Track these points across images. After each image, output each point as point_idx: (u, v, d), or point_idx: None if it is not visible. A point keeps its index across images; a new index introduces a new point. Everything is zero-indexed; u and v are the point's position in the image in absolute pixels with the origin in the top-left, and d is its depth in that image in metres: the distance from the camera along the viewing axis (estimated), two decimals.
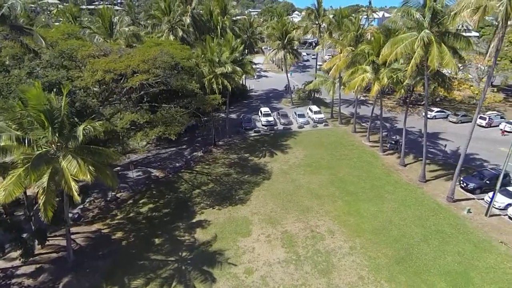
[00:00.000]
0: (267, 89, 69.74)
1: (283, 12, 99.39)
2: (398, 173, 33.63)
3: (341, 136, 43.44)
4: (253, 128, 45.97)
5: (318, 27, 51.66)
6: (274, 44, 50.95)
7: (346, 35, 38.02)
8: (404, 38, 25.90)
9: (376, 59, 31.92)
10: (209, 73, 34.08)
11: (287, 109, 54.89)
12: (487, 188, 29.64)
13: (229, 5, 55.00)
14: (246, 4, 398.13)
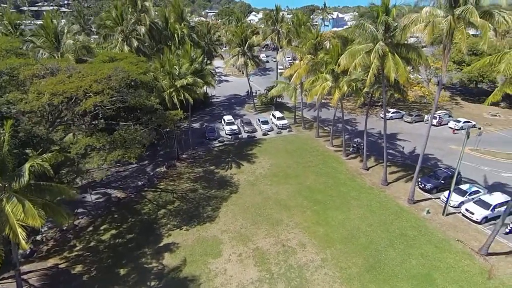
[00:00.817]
0: (228, 94, 69.01)
1: (241, 16, 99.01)
2: (361, 177, 34.67)
3: (305, 142, 44.02)
4: (217, 138, 45.12)
5: (277, 33, 51.93)
6: (234, 50, 50.38)
7: (305, 42, 38.48)
8: (362, 50, 26.62)
9: (335, 67, 32.58)
10: (169, 87, 32.74)
11: (251, 116, 54.67)
12: (442, 188, 31.53)
13: (185, 11, 53.52)
14: (202, 5, 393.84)
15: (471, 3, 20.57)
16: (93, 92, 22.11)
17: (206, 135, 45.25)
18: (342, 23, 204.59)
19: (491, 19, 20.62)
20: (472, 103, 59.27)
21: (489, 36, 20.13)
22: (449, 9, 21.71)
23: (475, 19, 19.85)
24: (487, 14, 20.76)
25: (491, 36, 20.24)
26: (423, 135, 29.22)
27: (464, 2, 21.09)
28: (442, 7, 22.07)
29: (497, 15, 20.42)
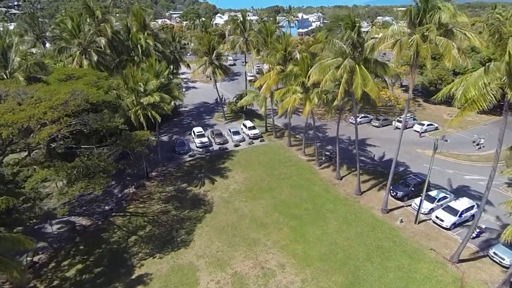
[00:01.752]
0: (197, 102, 67.30)
1: (208, 22, 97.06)
2: (335, 188, 34.87)
3: (278, 152, 43.72)
4: (188, 151, 43.64)
5: (245, 41, 51.19)
6: (201, 60, 49.01)
7: (274, 53, 38.08)
8: (331, 65, 26.60)
9: (305, 80, 32.47)
10: (134, 105, 30.96)
11: (221, 125, 53.62)
12: (413, 195, 32.44)
13: (148, 19, 51.36)
14: (166, 6, 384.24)
15: (434, 22, 21.06)
16: (48, 121, 20.17)
17: (176, 149, 43.61)
18: (307, 24, 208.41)
19: (453, 37, 21.23)
20: (432, 105, 62.00)
21: (453, 55, 20.69)
22: (414, 28, 22.15)
23: (438, 38, 20.34)
24: (449, 32, 21.35)
25: (455, 54, 20.79)
26: (392, 140, 30.11)
27: (427, 21, 21.57)
28: (407, 26, 22.45)
29: (459, 33, 21.07)
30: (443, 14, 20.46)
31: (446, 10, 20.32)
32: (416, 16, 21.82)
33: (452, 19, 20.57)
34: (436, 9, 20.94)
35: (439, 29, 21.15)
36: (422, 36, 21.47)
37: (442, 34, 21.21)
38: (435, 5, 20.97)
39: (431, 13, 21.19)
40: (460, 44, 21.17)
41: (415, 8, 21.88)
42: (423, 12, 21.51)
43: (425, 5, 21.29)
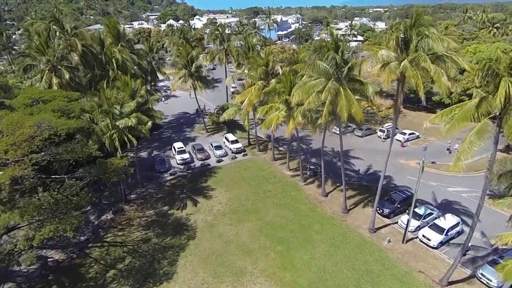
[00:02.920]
0: (177, 113, 65.42)
1: (187, 29, 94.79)
2: (322, 206, 34.25)
3: (262, 167, 42.74)
4: (168, 169, 41.96)
5: (224, 51, 49.87)
6: (180, 72, 47.34)
7: (256, 68, 37.06)
8: (315, 86, 25.86)
9: (288, 98, 31.66)
10: (109, 129, 29.13)
11: (202, 138, 52.13)
12: (399, 212, 32.27)
13: (122, 30, 49.16)
14: (143, 7, 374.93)
15: (422, 49, 20.68)
16: (10, 160, 18.30)
17: (156, 167, 41.82)
18: (286, 26, 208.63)
19: (442, 64, 20.90)
20: (413, 111, 62.86)
21: (443, 82, 20.34)
22: (402, 54, 21.72)
23: (428, 66, 19.95)
24: (439, 58, 21.00)
25: (445, 81, 20.45)
26: (375, 150, 29.64)
27: (415, 48, 21.18)
28: (395, 52, 21.95)
29: (448, 59, 20.75)
30: (431, 41, 20.03)
31: (435, 39, 19.89)
32: (403, 42, 21.35)
33: (441, 45, 20.13)
34: (423, 36, 20.54)
35: (428, 54, 20.76)
36: (410, 62, 21.00)
37: (431, 60, 20.81)
38: (422, 31, 20.55)
39: (419, 39, 20.80)
40: (449, 71, 20.85)
41: (402, 34, 21.42)
42: (410, 38, 21.11)
43: (412, 32, 20.88)
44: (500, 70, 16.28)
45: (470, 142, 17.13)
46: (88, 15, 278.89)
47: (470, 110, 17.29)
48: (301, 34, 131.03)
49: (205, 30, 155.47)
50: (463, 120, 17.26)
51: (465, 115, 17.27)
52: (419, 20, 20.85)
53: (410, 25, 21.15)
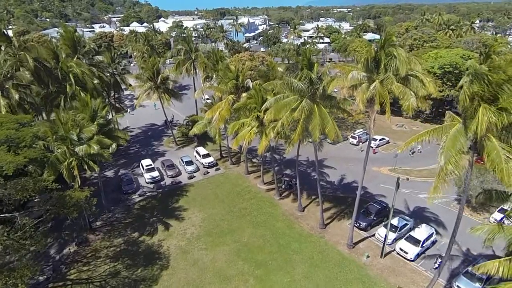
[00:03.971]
0: (144, 125, 62.53)
1: (151, 34, 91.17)
2: (299, 222, 33.57)
3: (235, 182, 41.46)
4: (137, 190, 39.55)
5: (191, 62, 47.96)
6: (145, 85, 44.90)
7: (225, 82, 35.69)
8: (288, 104, 25.05)
9: (260, 114, 30.70)
10: (67, 157, 26.57)
11: (172, 152, 49.97)
12: (375, 224, 32.33)
13: (80, 40, 45.95)
14: (104, 9, 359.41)
15: (392, 70, 20.43)
16: None
17: (123, 188, 39.24)
18: (253, 28, 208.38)
19: (410, 84, 20.77)
20: (381, 115, 63.97)
21: (411, 102, 20.18)
22: (373, 75, 21.40)
23: (396, 88, 19.74)
24: (407, 79, 20.85)
25: (413, 103, 20.31)
26: (348, 158, 29.34)
27: (385, 69, 20.90)
28: (366, 72, 21.59)
29: (415, 80, 20.65)
30: (398, 62, 19.80)
31: (402, 61, 19.64)
32: (373, 62, 21.01)
33: (407, 67, 19.94)
34: (392, 56, 20.27)
35: (396, 75, 20.54)
36: (381, 82, 20.70)
37: (400, 81, 20.61)
38: (391, 52, 20.26)
39: (388, 59, 20.54)
40: (417, 91, 20.74)
41: (372, 55, 21.06)
42: (380, 58, 20.80)
43: (382, 53, 20.59)
44: (476, 96, 16.07)
45: (446, 170, 16.93)
46: (43, 17, 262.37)
47: (457, 137, 16.97)
48: (269, 37, 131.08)
49: (171, 33, 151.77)
50: (453, 147, 16.94)
51: (454, 144, 16.93)
52: (389, 41, 20.57)
53: (380, 46, 20.83)
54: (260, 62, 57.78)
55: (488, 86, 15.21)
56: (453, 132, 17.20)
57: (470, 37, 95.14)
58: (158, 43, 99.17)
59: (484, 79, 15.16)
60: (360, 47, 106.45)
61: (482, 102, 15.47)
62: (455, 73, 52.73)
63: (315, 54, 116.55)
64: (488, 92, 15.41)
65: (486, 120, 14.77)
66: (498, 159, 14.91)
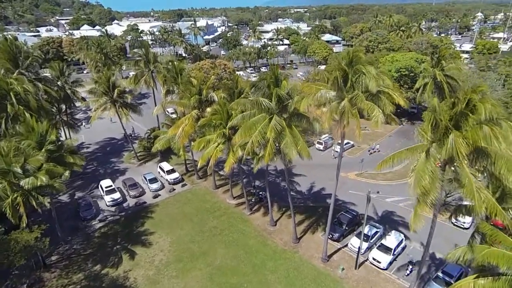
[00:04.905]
0: (102, 139, 58.54)
1: (105, 40, 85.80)
2: (272, 238, 32.80)
3: (204, 198, 39.82)
4: (97, 215, 36.52)
5: (150, 73, 45.34)
6: (100, 101, 41.69)
7: (188, 97, 33.93)
8: (257, 123, 24.07)
9: (225, 130, 29.50)
10: (9, 193, 23.44)
11: (133, 169, 47.09)
12: (347, 233, 32.47)
13: (23, 53, 41.63)
14: (50, 10, 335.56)
15: (360, 86, 20.22)
16: None
17: (81, 214, 36.02)
18: (212, 30, 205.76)
19: (379, 101, 20.71)
20: None
21: (380, 119, 20.12)
22: (341, 93, 21.07)
23: (366, 106, 19.57)
24: (375, 95, 20.75)
25: (381, 119, 20.27)
26: (316, 165, 29.08)
27: (352, 86, 20.66)
28: (334, 90, 21.22)
29: (383, 97, 20.62)
30: (367, 80, 19.61)
31: (371, 78, 19.46)
32: (342, 80, 20.67)
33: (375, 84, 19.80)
34: (361, 73, 20.05)
35: (365, 92, 20.36)
36: (349, 100, 20.43)
37: (368, 98, 20.47)
38: (359, 69, 20.03)
39: (356, 76, 20.31)
40: (386, 108, 20.74)
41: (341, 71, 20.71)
42: (347, 76, 20.53)
43: (350, 70, 20.31)
44: (444, 122, 16.15)
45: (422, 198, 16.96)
46: None
47: (425, 162, 16.98)
48: (229, 40, 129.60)
49: (126, 36, 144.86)
50: (424, 172, 16.90)
51: (424, 168, 16.92)
52: (356, 58, 20.34)
53: (347, 63, 20.54)
54: (222, 69, 56.37)
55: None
56: (423, 157, 17.24)
57: (419, 38, 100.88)
58: (112, 49, 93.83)
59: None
60: (319, 49, 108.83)
61: (452, 129, 15.58)
62: (410, 76, 55.09)
63: (276, 56, 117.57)
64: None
65: (456, 146, 14.82)
66: (470, 187, 15.04)
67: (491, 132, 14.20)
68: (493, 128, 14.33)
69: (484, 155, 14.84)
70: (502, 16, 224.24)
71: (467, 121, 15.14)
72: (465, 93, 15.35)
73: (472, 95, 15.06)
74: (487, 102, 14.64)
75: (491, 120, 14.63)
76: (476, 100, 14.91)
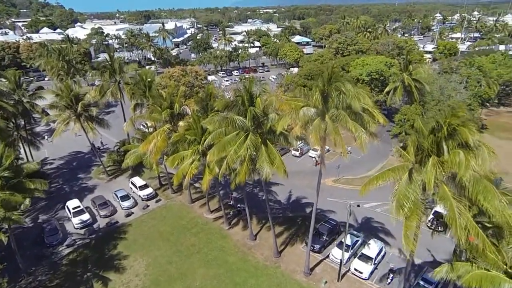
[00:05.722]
0: (68, 153, 55.04)
1: (68, 48, 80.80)
2: (252, 253, 31.97)
3: (180, 214, 38.27)
4: (63, 240, 33.94)
5: (117, 85, 42.93)
6: (62, 116, 38.91)
7: (159, 110, 32.30)
8: (232, 141, 23.15)
9: (200, 147, 28.33)
10: None
11: (103, 186, 44.55)
12: (328, 244, 32.29)
13: None
14: (5, 11, 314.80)
15: (342, 106, 19.86)
16: None
17: (46, 240, 33.35)
18: (181, 32, 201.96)
19: (361, 119, 20.45)
20: None
21: (363, 139, 19.86)
22: (323, 111, 20.63)
23: (349, 127, 19.22)
24: (358, 114, 20.47)
25: (364, 139, 20.01)
26: (292, 172, 28.77)
27: (335, 104, 20.26)
28: (316, 108, 20.72)
29: (365, 115, 20.38)
30: (349, 99, 19.24)
31: (352, 97, 19.10)
32: (323, 97, 20.18)
33: (357, 103, 19.48)
34: (341, 92, 19.67)
35: (346, 110, 20.04)
36: (331, 118, 20.01)
37: (350, 115, 20.14)
38: (338, 87, 19.63)
39: (337, 94, 19.94)
40: (369, 126, 20.55)
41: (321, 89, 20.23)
42: (328, 93, 20.13)
43: (330, 88, 19.89)
44: (425, 145, 16.01)
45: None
46: None
47: (407, 185, 16.80)
48: (199, 43, 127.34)
49: (91, 40, 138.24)
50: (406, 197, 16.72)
51: (406, 191, 16.74)
52: (335, 75, 19.93)
53: (327, 80, 20.08)
54: (193, 77, 54.77)
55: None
56: (405, 180, 17.09)
57: (386, 39, 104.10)
58: (76, 54, 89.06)
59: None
60: (291, 51, 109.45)
61: (431, 154, 15.48)
62: (381, 80, 56.27)
63: (247, 59, 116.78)
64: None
65: (435, 173, 14.70)
66: (452, 212, 15.00)
67: (470, 157, 14.20)
68: (472, 153, 14.36)
69: (462, 180, 14.83)
70: (458, 16, 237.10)
71: (447, 146, 15.09)
72: (445, 117, 15.29)
73: (452, 119, 15.01)
74: (467, 126, 14.64)
75: (470, 145, 14.65)
76: (457, 124, 14.88)
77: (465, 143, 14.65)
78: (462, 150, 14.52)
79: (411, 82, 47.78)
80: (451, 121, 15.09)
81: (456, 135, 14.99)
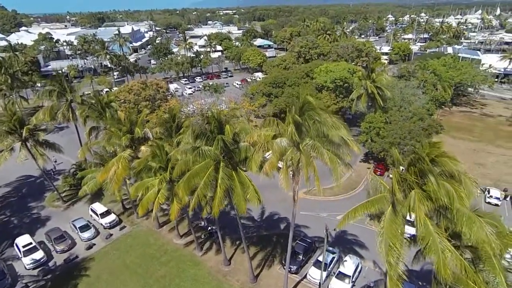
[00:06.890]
0: (15, 178, 49.70)
1: (9, 58, 73.44)
2: (228, 280, 30.41)
3: (147, 242, 35.69)
4: (13, 285, 30.09)
5: (68, 105, 39.08)
6: (4, 142, 34.69)
7: (118, 135, 29.66)
8: (201, 172, 21.48)
9: (166, 175, 26.28)
10: None
11: (59, 215, 40.53)
12: (304, 263, 31.59)
13: None
14: None
15: (317, 135, 19.01)
16: None
17: None
18: (139, 36, 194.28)
19: (337, 148, 19.74)
20: None
21: (339, 171, 19.17)
22: (297, 142, 19.64)
23: (325, 160, 18.42)
24: (333, 143, 19.72)
25: (340, 171, 19.34)
26: (264, 186, 27.85)
27: (310, 135, 19.36)
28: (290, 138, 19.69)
29: (342, 145, 19.70)
30: (325, 128, 18.43)
31: (329, 127, 18.29)
32: (296, 127, 19.19)
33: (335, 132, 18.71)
34: (316, 121, 18.80)
35: (321, 139, 19.25)
36: (304, 148, 19.10)
37: (325, 143, 19.35)
38: (312, 116, 18.74)
39: (311, 123, 19.07)
40: (345, 156, 19.93)
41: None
42: (302, 123, 19.20)
43: (304, 117, 18.97)
44: (410, 178, 15.51)
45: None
46: None
47: (392, 221, 16.23)
48: (158, 48, 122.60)
49: (39, 46, 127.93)
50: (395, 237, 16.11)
51: (395, 231, 16.16)
52: (307, 104, 19.02)
53: (298, 110, 19.14)
54: (154, 90, 51.85)
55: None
56: (390, 213, 16.53)
57: (345, 42, 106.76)
58: (21, 65, 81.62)
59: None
60: (253, 56, 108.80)
61: (414, 187, 15.01)
62: (345, 87, 57.02)
63: (210, 64, 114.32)
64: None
65: (419, 206, 14.23)
66: (435, 247, 14.61)
67: (453, 189, 13.90)
68: (454, 184, 14.08)
69: (446, 212, 14.55)
70: (408, 18, 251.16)
71: (428, 178, 14.70)
72: (424, 148, 14.92)
73: (431, 150, 14.67)
74: (447, 157, 14.36)
75: (452, 176, 14.39)
76: (436, 154, 14.54)
77: (449, 174, 14.38)
78: (447, 181, 14.25)
79: (374, 89, 48.75)
80: (431, 152, 14.76)
81: (437, 166, 14.69)
